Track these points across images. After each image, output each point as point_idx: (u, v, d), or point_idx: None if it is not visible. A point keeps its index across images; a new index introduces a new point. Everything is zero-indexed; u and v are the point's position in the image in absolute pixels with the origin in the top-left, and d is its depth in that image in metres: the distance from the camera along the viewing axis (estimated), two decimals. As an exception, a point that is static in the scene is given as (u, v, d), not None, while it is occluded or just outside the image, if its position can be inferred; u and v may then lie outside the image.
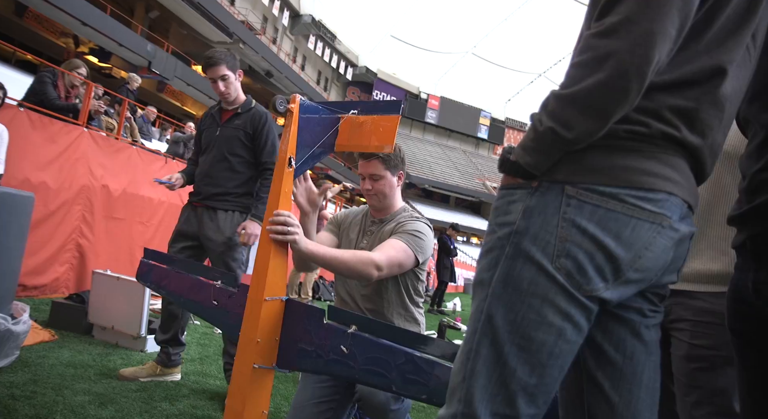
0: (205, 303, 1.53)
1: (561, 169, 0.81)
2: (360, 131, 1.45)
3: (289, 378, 3.05)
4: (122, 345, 3.09)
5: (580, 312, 0.79)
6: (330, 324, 1.29)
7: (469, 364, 0.81)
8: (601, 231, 0.77)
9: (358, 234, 2.02)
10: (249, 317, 1.33)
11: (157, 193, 5.22)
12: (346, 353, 1.23)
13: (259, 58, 23.50)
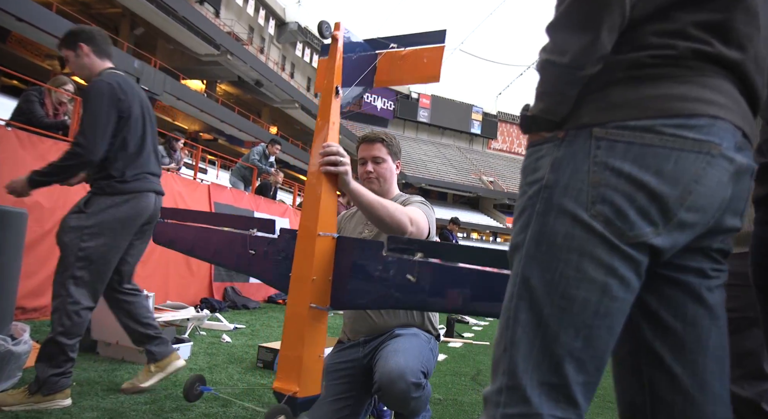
0: (241, 255, 1.48)
1: (585, 111, 0.74)
2: (402, 65, 1.43)
3: (301, 382, 2.99)
4: (128, 359, 3.02)
5: (625, 265, 0.70)
6: (391, 255, 1.24)
7: (508, 333, 0.74)
8: (638, 170, 0.69)
9: (356, 226, 1.98)
10: (302, 255, 1.28)
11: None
12: (413, 282, 1.18)
13: (248, 69, 23.46)
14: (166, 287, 5.17)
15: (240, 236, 1.49)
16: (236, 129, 22.77)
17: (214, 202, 6.02)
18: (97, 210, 2.17)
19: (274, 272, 1.41)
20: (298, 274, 1.28)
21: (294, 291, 1.28)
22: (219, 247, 1.57)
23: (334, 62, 1.37)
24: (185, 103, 19.33)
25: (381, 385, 1.57)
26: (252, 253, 1.43)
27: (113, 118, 2.15)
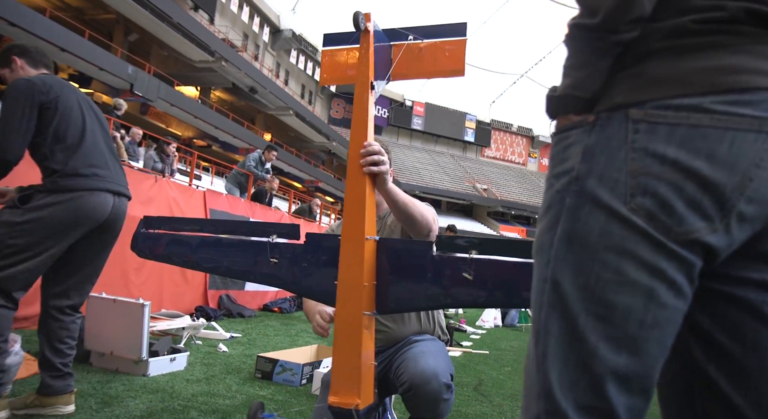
0: (260, 264, 1.38)
1: (619, 90, 0.63)
2: (421, 58, 1.37)
3: (301, 392, 2.91)
4: (123, 370, 2.93)
5: (674, 266, 0.59)
6: (442, 255, 1.20)
7: (539, 348, 0.64)
8: (686, 155, 0.58)
9: None
10: (351, 260, 1.22)
11: (149, 212, 5.06)
12: (470, 280, 1.16)
13: (243, 75, 23.41)
14: (160, 295, 5.08)
15: (256, 244, 1.39)
16: (230, 135, 22.67)
17: (209, 208, 5.93)
18: (34, 207, 1.98)
19: (303, 280, 1.34)
20: (349, 281, 1.22)
21: (344, 299, 1.22)
22: (230, 257, 1.44)
23: (368, 55, 1.31)
24: (179, 110, 19.22)
25: (413, 385, 1.51)
26: (274, 262, 1.34)
27: (32, 113, 1.98)
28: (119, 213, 2.23)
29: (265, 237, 1.38)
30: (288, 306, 7.16)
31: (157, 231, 1.61)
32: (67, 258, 2.15)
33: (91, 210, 2.07)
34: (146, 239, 1.61)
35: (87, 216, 2.07)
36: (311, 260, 1.32)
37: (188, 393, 2.63)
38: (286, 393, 2.87)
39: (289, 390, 2.95)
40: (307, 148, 32.93)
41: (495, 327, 8.62)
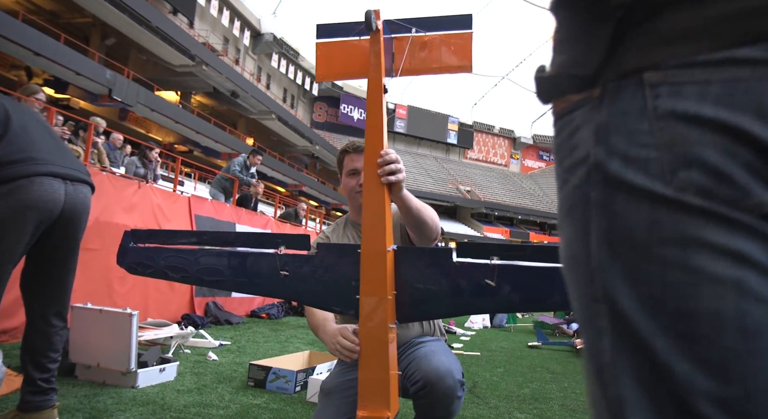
0: (269, 277, 1.31)
1: (627, 53, 0.51)
2: (425, 52, 1.30)
3: (296, 400, 2.85)
4: (110, 383, 2.84)
5: (758, 245, 0.45)
6: (463, 261, 1.18)
7: (611, 392, 0.48)
8: (728, 112, 0.46)
9: (356, 240, 1.89)
10: (374, 274, 1.19)
11: (132, 219, 4.95)
12: (493, 286, 1.12)
13: (224, 79, 23.19)
14: (145, 304, 4.96)
15: (263, 256, 1.32)
16: (212, 140, 22.40)
17: (194, 214, 5.83)
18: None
19: (317, 293, 1.29)
20: (373, 296, 1.19)
21: (368, 314, 1.20)
22: (235, 271, 1.34)
23: (380, 57, 1.25)
24: (160, 115, 18.92)
25: (427, 382, 1.49)
26: (285, 275, 1.28)
27: None
28: (76, 202, 2.01)
29: (273, 249, 1.31)
30: (276, 312, 7.07)
31: (148, 245, 1.49)
32: (36, 262, 2.04)
33: (35, 200, 1.85)
34: (137, 253, 1.48)
35: (33, 208, 1.85)
36: (324, 271, 1.27)
37: (180, 405, 2.55)
38: (280, 401, 2.81)
39: (283, 398, 2.89)
40: (290, 152, 32.74)
41: (484, 328, 8.64)
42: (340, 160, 1.86)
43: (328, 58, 1.45)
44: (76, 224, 2.07)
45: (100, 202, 4.72)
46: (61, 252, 2.08)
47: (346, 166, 1.82)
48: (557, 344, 6.37)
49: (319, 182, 31.92)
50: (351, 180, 1.80)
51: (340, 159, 1.86)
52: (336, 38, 1.42)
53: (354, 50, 1.37)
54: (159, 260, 1.43)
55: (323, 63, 1.46)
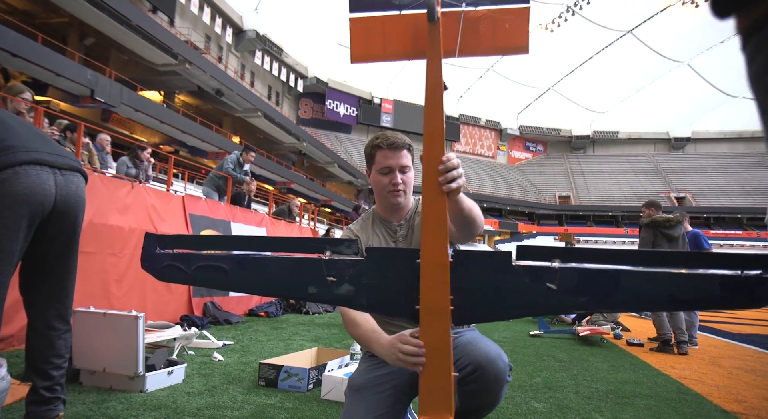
0: (314, 284, 1.23)
1: None
2: (477, 31, 1.15)
3: (310, 398, 2.79)
4: (117, 388, 2.75)
5: None
6: (523, 264, 1.13)
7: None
8: None
9: (386, 244, 1.81)
10: (436, 285, 1.14)
11: (127, 221, 4.83)
12: (554, 290, 1.09)
13: (208, 78, 22.88)
14: (143, 306, 4.85)
15: (308, 262, 1.22)
16: (199, 139, 22.11)
17: (189, 213, 5.72)
18: None
19: (367, 298, 1.23)
20: (434, 307, 1.16)
21: (429, 324, 1.17)
22: (276, 278, 1.26)
23: (439, 49, 1.14)
24: (144, 115, 18.59)
25: (479, 366, 1.46)
26: (332, 281, 1.20)
27: None
28: (69, 193, 1.88)
29: (318, 254, 1.21)
30: (274, 310, 6.98)
31: (177, 251, 1.37)
32: (33, 261, 1.92)
33: (23, 194, 1.71)
34: (166, 259, 1.35)
35: (23, 202, 1.72)
36: (374, 277, 1.21)
37: (193, 408, 2.47)
38: (294, 399, 2.74)
39: (297, 396, 2.82)
40: (277, 150, 32.48)
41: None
42: (370, 155, 1.77)
43: (364, 35, 1.30)
44: (71, 218, 1.94)
45: (93, 204, 4.59)
46: (57, 249, 1.95)
47: (378, 163, 1.74)
48: (559, 332, 6.39)
49: (308, 179, 31.72)
50: (384, 178, 1.73)
51: (370, 153, 1.77)
52: (374, 12, 1.26)
53: (395, 26, 1.24)
54: (192, 266, 1.32)
55: (359, 42, 1.30)
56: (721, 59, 43.42)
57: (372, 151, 1.77)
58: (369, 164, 1.80)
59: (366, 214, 1.89)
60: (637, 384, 3.59)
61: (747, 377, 4.16)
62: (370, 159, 1.78)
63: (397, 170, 1.73)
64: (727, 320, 10.48)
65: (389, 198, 1.75)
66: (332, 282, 1.20)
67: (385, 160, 1.72)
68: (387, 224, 1.82)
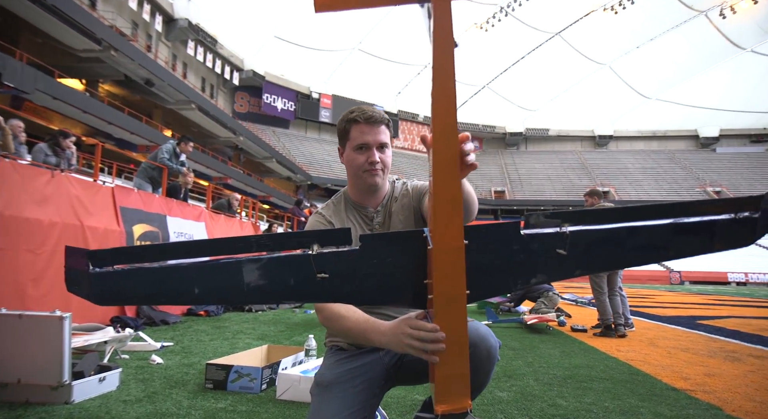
0: (302, 283, 1.04)
1: None
2: None
3: (265, 399, 2.56)
4: (36, 401, 2.38)
5: None
6: (532, 233, 1.05)
7: None
8: None
9: (359, 225, 1.65)
10: (450, 271, 1.02)
11: (46, 213, 4.32)
12: (564, 255, 1.05)
13: (136, 66, 21.48)
14: (67, 308, 4.33)
15: (292, 259, 1.01)
16: (127, 131, 20.69)
17: (119, 206, 5.23)
18: None
19: (365, 291, 1.08)
20: (449, 294, 1.04)
21: (445, 313, 1.06)
22: (254, 282, 1.02)
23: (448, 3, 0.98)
24: (63, 103, 17.12)
25: (471, 343, 1.36)
26: (324, 277, 1.01)
27: None
28: None
29: (304, 249, 1.01)
30: (215, 308, 6.59)
31: (119, 267, 1.06)
32: None
33: None
34: (104, 280, 1.05)
35: None
36: (373, 267, 1.05)
37: (131, 417, 2.18)
38: (247, 402, 2.50)
39: (249, 398, 2.58)
40: (212, 144, 31.19)
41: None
42: (344, 130, 1.59)
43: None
44: None
45: (2, 194, 4.06)
46: None
47: (353, 139, 1.56)
48: (506, 321, 6.48)
49: (245, 174, 30.71)
50: (359, 156, 1.56)
51: (344, 128, 1.59)
52: None
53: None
54: (143, 282, 1.05)
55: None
56: (637, 62, 46.54)
57: (346, 126, 1.59)
58: (342, 141, 1.62)
59: (336, 197, 1.71)
60: (590, 369, 3.63)
61: (684, 355, 4.36)
62: (343, 134, 1.60)
63: (374, 147, 1.57)
64: (651, 304, 11.15)
65: (365, 178, 1.58)
66: (324, 279, 1.02)
67: (361, 136, 1.56)
68: (361, 209, 1.66)
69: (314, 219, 1.66)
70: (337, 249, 1.03)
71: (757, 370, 3.68)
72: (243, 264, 1.03)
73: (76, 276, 1.07)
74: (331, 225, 1.61)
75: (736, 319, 8.12)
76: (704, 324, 7.19)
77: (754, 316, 8.75)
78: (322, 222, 1.63)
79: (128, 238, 5.26)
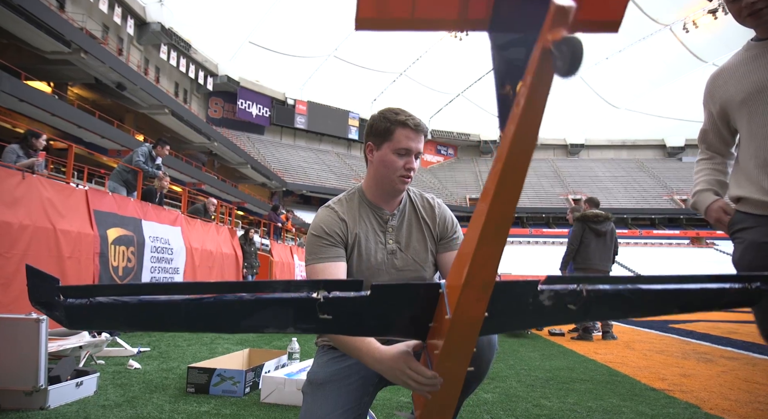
0: (304, 321, 1.00)
1: None
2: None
3: (248, 403, 2.52)
4: (8, 406, 2.29)
5: None
6: (546, 288, 1.04)
7: None
8: None
9: (374, 235, 1.62)
10: (460, 352, 1.01)
11: (17, 216, 4.17)
12: (573, 309, 1.07)
13: (107, 69, 20.98)
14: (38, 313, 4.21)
15: (288, 302, 0.96)
16: (98, 136, 20.15)
17: (93, 209, 5.09)
18: None
19: (367, 329, 1.09)
20: (457, 363, 1.04)
21: (448, 368, 1.07)
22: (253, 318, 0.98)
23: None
24: (31, 106, 16.59)
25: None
26: (326, 319, 0.96)
27: None
28: None
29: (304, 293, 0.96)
30: (191, 315, 6.45)
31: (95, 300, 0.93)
32: None
33: None
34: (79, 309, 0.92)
35: None
36: (379, 311, 1.02)
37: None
38: (231, 405, 2.46)
39: (233, 401, 2.54)
40: (186, 149, 30.66)
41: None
42: (387, 130, 1.53)
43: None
44: None
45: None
46: None
47: (396, 141, 1.53)
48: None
49: (220, 180, 30.26)
50: (398, 160, 1.53)
51: (388, 128, 1.53)
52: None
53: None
54: (121, 316, 0.94)
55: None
56: (607, 73, 47.85)
57: (390, 127, 1.53)
58: (378, 139, 1.56)
59: (349, 193, 1.67)
60: (571, 370, 3.69)
61: (659, 357, 4.47)
62: (384, 133, 1.55)
63: (414, 155, 1.55)
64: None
65: (396, 183, 1.56)
66: (327, 320, 0.97)
67: (406, 141, 1.53)
68: (377, 210, 1.63)
69: (326, 214, 1.60)
70: (345, 295, 0.97)
71: (729, 371, 3.80)
72: (236, 305, 0.96)
73: (42, 297, 0.93)
74: (343, 222, 1.57)
75: (705, 323, 8.39)
76: (676, 328, 7.39)
77: (722, 320, 9.05)
78: (335, 218, 1.58)
79: (102, 242, 5.12)
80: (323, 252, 1.51)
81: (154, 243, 6.14)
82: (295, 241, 19.14)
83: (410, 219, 1.65)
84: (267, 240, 13.51)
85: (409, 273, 1.61)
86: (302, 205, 41.30)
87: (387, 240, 1.61)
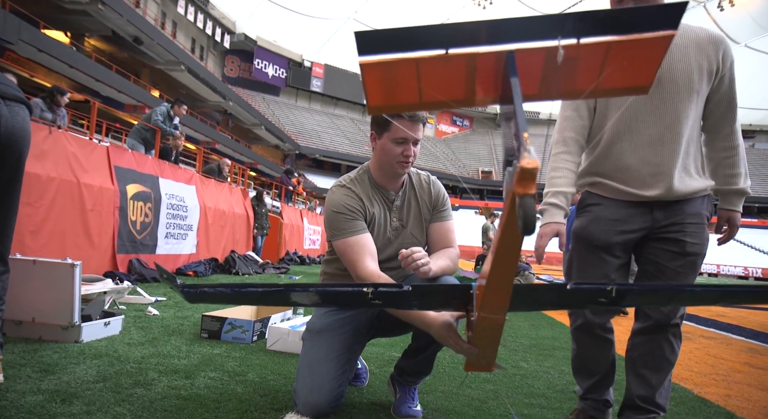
0: (357, 303, 1.35)
1: None
2: (608, 62, 0.77)
3: (255, 349, 2.82)
4: (48, 338, 2.60)
5: None
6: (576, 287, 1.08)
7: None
8: None
9: (383, 213, 1.84)
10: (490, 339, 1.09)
11: (45, 168, 4.45)
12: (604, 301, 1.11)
13: (124, 22, 20.97)
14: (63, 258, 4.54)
15: (343, 292, 1.20)
16: (115, 90, 20.35)
17: (114, 165, 5.36)
18: None
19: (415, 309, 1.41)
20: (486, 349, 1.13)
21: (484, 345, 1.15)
22: (313, 300, 1.23)
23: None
24: (49, 56, 16.75)
25: None
26: (377, 303, 1.15)
27: None
28: (15, 126, 1.74)
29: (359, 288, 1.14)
30: (203, 269, 6.81)
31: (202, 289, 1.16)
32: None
33: None
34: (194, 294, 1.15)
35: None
36: (421, 299, 1.22)
37: (137, 356, 2.42)
38: (240, 350, 2.76)
39: (242, 347, 2.84)
40: (200, 107, 30.78)
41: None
42: (385, 120, 1.71)
43: (382, 81, 0.84)
44: (16, 153, 1.79)
45: (5, 147, 4.18)
46: (1, 185, 1.81)
47: (394, 131, 1.71)
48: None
49: (233, 140, 30.47)
50: (396, 148, 1.72)
51: (386, 119, 1.71)
52: (388, 54, 0.80)
53: (440, 68, 0.81)
54: (222, 298, 1.22)
55: (375, 89, 0.85)
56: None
57: (388, 119, 1.72)
58: (380, 129, 1.76)
59: (359, 173, 1.87)
60: (555, 340, 3.96)
61: (643, 333, 4.72)
62: (383, 124, 1.74)
63: (411, 142, 1.74)
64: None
65: (396, 168, 1.76)
66: (378, 303, 1.15)
67: (403, 131, 1.71)
68: (384, 191, 1.84)
69: (344, 192, 1.78)
70: (391, 290, 1.14)
71: (702, 348, 4.05)
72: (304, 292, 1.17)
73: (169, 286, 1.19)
74: (360, 201, 1.77)
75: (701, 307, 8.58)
76: (666, 307, 7.62)
77: (715, 303, 9.23)
78: (353, 196, 1.78)
79: (122, 197, 5.40)
80: (351, 227, 1.71)
81: (170, 200, 6.43)
82: (305, 205, 19.45)
83: (410, 199, 1.88)
84: (278, 203, 13.81)
85: (409, 246, 1.86)
86: (314, 169, 41.48)
87: (392, 218, 1.84)
